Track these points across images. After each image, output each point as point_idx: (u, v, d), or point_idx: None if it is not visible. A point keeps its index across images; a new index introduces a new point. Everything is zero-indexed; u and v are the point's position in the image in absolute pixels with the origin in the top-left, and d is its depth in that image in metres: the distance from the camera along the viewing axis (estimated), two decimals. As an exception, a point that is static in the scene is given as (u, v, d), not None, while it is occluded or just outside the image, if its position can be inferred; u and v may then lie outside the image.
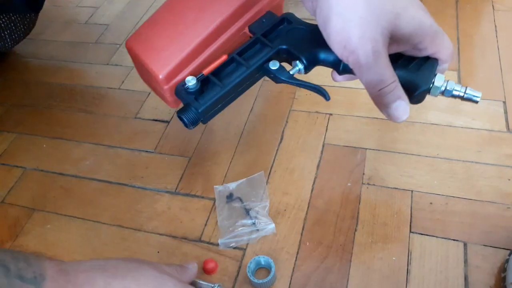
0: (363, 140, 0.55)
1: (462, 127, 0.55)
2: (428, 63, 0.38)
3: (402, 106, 0.35)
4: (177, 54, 0.41)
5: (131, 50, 0.44)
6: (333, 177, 0.51)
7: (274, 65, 0.41)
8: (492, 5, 0.72)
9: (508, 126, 0.54)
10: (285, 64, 0.42)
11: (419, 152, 0.53)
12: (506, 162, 0.50)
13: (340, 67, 0.39)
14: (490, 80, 0.60)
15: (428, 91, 0.38)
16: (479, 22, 0.70)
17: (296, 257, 0.45)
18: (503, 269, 0.41)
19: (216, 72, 0.42)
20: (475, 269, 0.42)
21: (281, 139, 0.57)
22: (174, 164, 0.56)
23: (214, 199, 0.51)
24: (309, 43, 0.41)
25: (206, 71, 0.41)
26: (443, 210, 0.47)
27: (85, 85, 0.70)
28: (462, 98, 0.38)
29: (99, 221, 0.51)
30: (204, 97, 0.41)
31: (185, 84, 0.40)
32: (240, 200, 0.49)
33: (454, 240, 0.45)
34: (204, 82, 0.41)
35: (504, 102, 0.57)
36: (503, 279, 0.40)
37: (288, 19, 0.44)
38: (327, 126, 0.57)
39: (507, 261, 0.41)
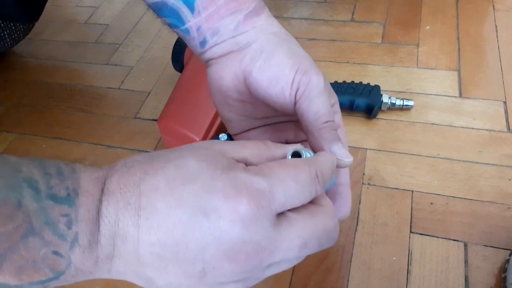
0: (363, 140, 0.55)
1: (462, 127, 0.55)
2: (374, 89, 0.56)
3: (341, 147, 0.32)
4: (205, 121, 0.53)
5: (167, 126, 0.53)
6: (333, 177, 0.51)
7: None
8: (493, 5, 0.72)
9: (509, 126, 0.54)
10: None
11: (420, 152, 0.53)
12: (507, 162, 0.50)
13: None
14: (490, 80, 0.60)
15: (380, 107, 0.55)
16: (479, 22, 0.70)
17: (296, 258, 0.45)
18: (503, 269, 0.41)
19: None
20: (475, 269, 0.42)
21: (281, 139, 0.57)
22: (174, 164, 0.56)
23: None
24: None
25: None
26: (444, 210, 0.47)
27: (85, 85, 0.70)
28: (401, 107, 0.56)
29: (98, 221, 0.51)
30: None
31: (220, 138, 0.50)
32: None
33: (454, 240, 0.44)
34: (229, 136, 0.51)
35: (505, 102, 0.57)
36: (504, 280, 0.40)
37: None
38: (327, 126, 0.57)
39: (507, 261, 0.41)
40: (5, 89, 0.71)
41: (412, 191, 0.49)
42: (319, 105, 0.31)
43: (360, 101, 0.56)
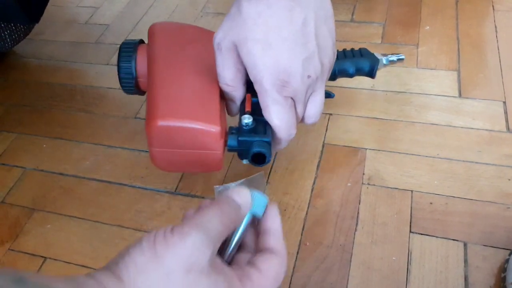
0: (363, 140, 0.55)
1: (462, 127, 0.55)
2: (364, 51, 0.53)
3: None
4: (214, 109, 0.39)
5: (168, 126, 0.39)
6: (333, 177, 0.51)
7: None
8: (492, 6, 0.72)
9: (508, 126, 0.54)
10: None
11: (419, 152, 0.53)
12: (506, 162, 0.50)
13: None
14: (490, 80, 0.60)
15: (377, 65, 0.52)
16: (479, 23, 0.70)
17: (296, 257, 0.45)
18: (503, 269, 0.41)
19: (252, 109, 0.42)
20: (475, 269, 0.42)
21: (281, 139, 0.57)
22: (174, 164, 0.56)
23: (214, 199, 0.51)
24: None
25: (246, 109, 0.42)
26: (443, 210, 0.47)
27: (85, 85, 0.70)
28: (394, 61, 0.53)
29: (99, 221, 0.51)
30: (260, 129, 0.40)
31: (243, 123, 0.40)
32: (240, 200, 0.49)
33: (454, 240, 0.45)
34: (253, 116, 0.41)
35: (504, 102, 0.57)
36: (503, 279, 0.40)
37: None
38: (327, 126, 0.57)
39: (507, 261, 0.41)
40: (6, 89, 0.71)
41: (412, 191, 0.49)
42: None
43: (362, 64, 0.52)
